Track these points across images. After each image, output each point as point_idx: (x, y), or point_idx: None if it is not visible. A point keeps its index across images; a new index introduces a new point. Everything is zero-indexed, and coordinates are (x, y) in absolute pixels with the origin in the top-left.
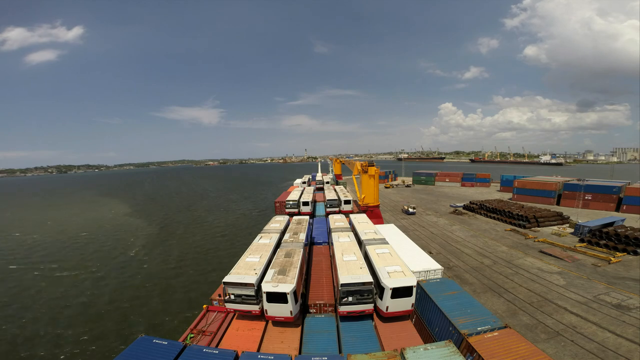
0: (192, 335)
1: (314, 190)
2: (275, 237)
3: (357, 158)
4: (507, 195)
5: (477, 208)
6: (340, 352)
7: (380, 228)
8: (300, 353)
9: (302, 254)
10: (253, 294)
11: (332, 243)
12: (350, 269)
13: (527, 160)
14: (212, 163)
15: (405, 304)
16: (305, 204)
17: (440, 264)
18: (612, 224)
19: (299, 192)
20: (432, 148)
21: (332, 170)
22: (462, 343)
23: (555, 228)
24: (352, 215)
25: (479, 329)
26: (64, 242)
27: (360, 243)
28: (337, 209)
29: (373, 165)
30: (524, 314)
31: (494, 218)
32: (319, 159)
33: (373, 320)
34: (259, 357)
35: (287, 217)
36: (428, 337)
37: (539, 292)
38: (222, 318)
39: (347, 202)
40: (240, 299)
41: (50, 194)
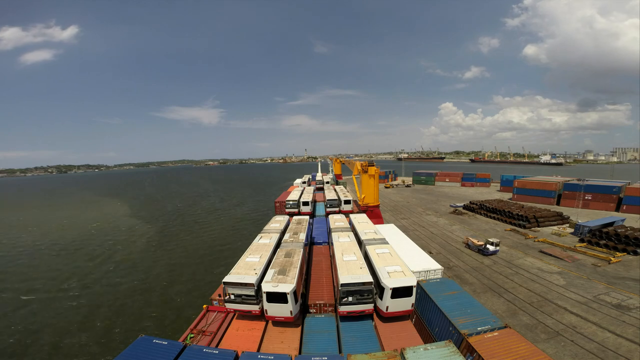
0: (192, 335)
1: (314, 190)
2: (275, 237)
3: (357, 158)
4: (507, 195)
5: (477, 208)
6: (340, 352)
7: (380, 228)
8: (300, 353)
9: (302, 254)
10: (253, 294)
11: (332, 243)
12: (350, 269)
13: (527, 160)
14: (212, 163)
15: (405, 304)
16: (305, 204)
17: (440, 264)
18: (612, 224)
19: (299, 192)
20: (432, 148)
21: (332, 170)
22: (462, 343)
23: (555, 228)
24: (352, 215)
25: (479, 329)
26: (69, 242)
27: (360, 243)
28: (337, 209)
29: (373, 165)
30: (524, 314)
31: (494, 218)
32: (319, 159)
33: (373, 320)
34: (259, 357)
35: (287, 217)
36: (428, 337)
37: (539, 292)
38: (222, 318)
39: (347, 202)
40: (240, 299)
41: (51, 194)
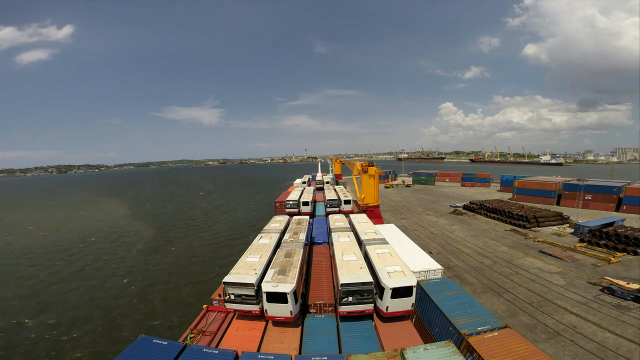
0: (192, 335)
1: (314, 190)
2: (275, 237)
3: (357, 158)
4: (507, 195)
5: (477, 208)
6: (340, 352)
7: (380, 228)
8: (300, 353)
9: (302, 254)
10: (253, 294)
11: (332, 243)
12: (350, 269)
13: (527, 160)
14: (212, 163)
15: (405, 304)
16: (305, 204)
17: (440, 264)
18: (612, 224)
19: (299, 192)
20: (432, 148)
21: (332, 170)
22: (462, 343)
23: (555, 228)
24: (352, 215)
25: (479, 329)
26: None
27: (360, 243)
28: (337, 209)
29: (373, 165)
30: (524, 314)
31: (494, 218)
32: (319, 159)
33: (373, 320)
34: (259, 357)
35: (287, 217)
36: (428, 337)
37: (539, 292)
38: (222, 318)
39: (347, 202)
40: (240, 299)
41: (51, 194)
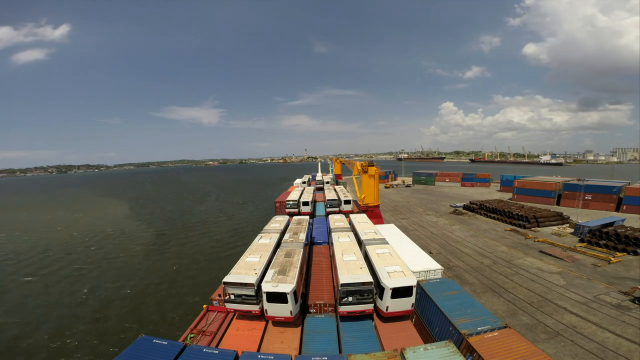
0: (192, 335)
1: (314, 190)
2: (275, 237)
3: (357, 158)
4: (507, 195)
5: (477, 208)
6: (340, 352)
7: (380, 228)
8: (300, 353)
9: (302, 254)
10: (253, 294)
11: (332, 243)
12: (350, 269)
13: (527, 160)
14: (212, 163)
15: (405, 304)
16: (305, 204)
17: (440, 264)
18: (612, 224)
19: (299, 192)
20: (432, 148)
21: (332, 170)
22: (462, 343)
23: (555, 228)
24: (352, 215)
25: (479, 329)
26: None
27: (360, 243)
28: (337, 209)
29: (373, 165)
30: (524, 314)
31: (494, 218)
32: (319, 159)
33: (373, 320)
34: (259, 357)
35: (287, 217)
36: (428, 337)
37: (539, 292)
38: (222, 318)
39: (347, 202)
40: (240, 299)
41: (52, 194)
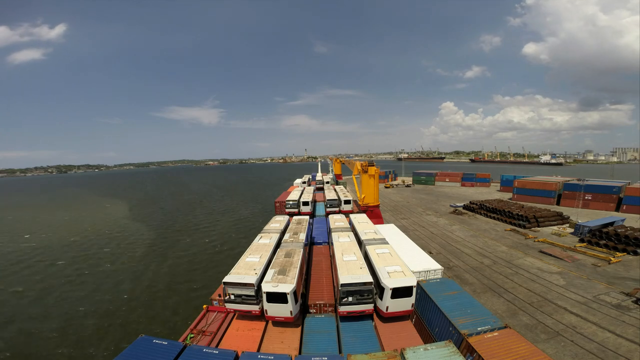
0: (192, 335)
1: (314, 190)
2: (275, 237)
3: (357, 158)
4: (507, 195)
5: (477, 208)
6: (340, 352)
7: (380, 228)
8: (300, 353)
9: (302, 254)
10: (253, 294)
11: (332, 243)
12: (350, 269)
13: (527, 160)
14: (212, 163)
15: (405, 304)
16: (305, 204)
17: (440, 264)
18: (612, 224)
19: (299, 192)
20: (432, 148)
21: (332, 170)
22: (462, 343)
23: (555, 228)
24: (352, 215)
25: (479, 329)
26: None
27: (360, 243)
28: (337, 209)
29: (373, 165)
30: (524, 314)
31: (494, 218)
32: (319, 159)
33: (373, 321)
34: (259, 357)
35: (287, 217)
36: (428, 337)
37: (539, 292)
38: (222, 318)
39: (347, 202)
40: (240, 299)
41: (54, 194)
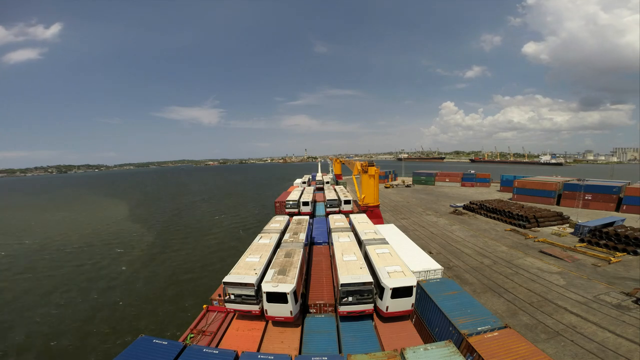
0: (192, 335)
1: (314, 190)
2: (275, 237)
3: (357, 158)
4: (507, 195)
5: (477, 208)
6: (340, 352)
7: (380, 228)
8: (300, 353)
9: (302, 254)
10: (253, 294)
11: (332, 243)
12: (350, 269)
13: (527, 160)
14: (212, 163)
15: (405, 304)
16: (305, 204)
17: (440, 264)
18: (612, 224)
19: (299, 192)
20: (432, 148)
21: (332, 170)
22: (462, 343)
23: (555, 228)
24: (352, 215)
25: (479, 329)
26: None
27: (360, 243)
28: (337, 209)
29: (373, 165)
30: (524, 314)
31: (494, 218)
32: (319, 159)
33: (373, 320)
34: (259, 357)
35: (287, 217)
36: (428, 337)
37: (539, 292)
38: (222, 318)
39: (347, 202)
40: (240, 299)
41: (55, 195)
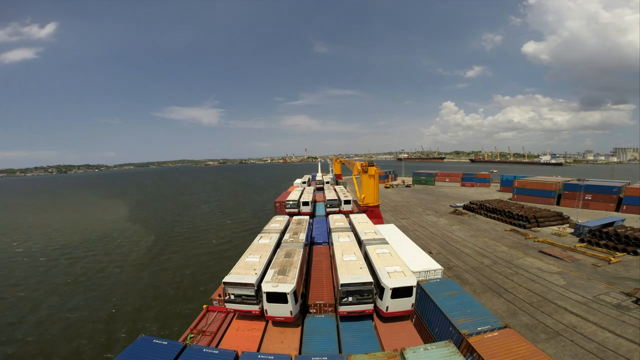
0: (192, 335)
1: (314, 190)
2: (275, 237)
3: (357, 158)
4: (507, 195)
5: (477, 208)
6: (340, 352)
7: (380, 228)
8: (300, 353)
9: (302, 254)
10: (253, 294)
11: (332, 243)
12: (350, 269)
13: (527, 160)
14: (212, 163)
15: (405, 304)
16: (305, 204)
17: (440, 264)
18: (612, 224)
19: (299, 192)
20: (432, 148)
21: (332, 170)
22: (462, 343)
23: (555, 228)
24: (352, 215)
25: (479, 329)
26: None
27: (360, 243)
28: (337, 209)
29: (373, 165)
30: (524, 314)
31: (494, 218)
32: (319, 159)
33: (373, 320)
34: (259, 357)
35: (287, 217)
36: (428, 337)
37: (539, 292)
38: (222, 318)
39: (347, 202)
40: (240, 299)
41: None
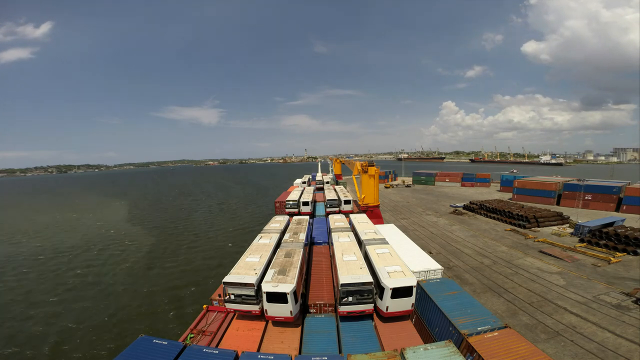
0: (192, 335)
1: (314, 190)
2: (275, 237)
3: (357, 158)
4: (507, 196)
5: (477, 208)
6: (340, 352)
7: (380, 228)
8: (300, 353)
9: (302, 254)
10: (253, 294)
11: (332, 243)
12: (350, 269)
13: (527, 161)
14: (212, 163)
15: (405, 304)
16: (305, 204)
17: (440, 264)
18: (612, 224)
19: (299, 192)
20: (432, 148)
21: (332, 170)
22: (462, 343)
23: (555, 228)
24: (352, 215)
25: (479, 329)
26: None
27: (360, 243)
28: (337, 209)
29: (373, 165)
30: (524, 314)
31: (494, 218)
32: (319, 159)
33: (373, 320)
34: (259, 357)
35: (287, 217)
36: (428, 337)
37: (539, 292)
38: (222, 318)
39: (347, 202)
40: (240, 299)
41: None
